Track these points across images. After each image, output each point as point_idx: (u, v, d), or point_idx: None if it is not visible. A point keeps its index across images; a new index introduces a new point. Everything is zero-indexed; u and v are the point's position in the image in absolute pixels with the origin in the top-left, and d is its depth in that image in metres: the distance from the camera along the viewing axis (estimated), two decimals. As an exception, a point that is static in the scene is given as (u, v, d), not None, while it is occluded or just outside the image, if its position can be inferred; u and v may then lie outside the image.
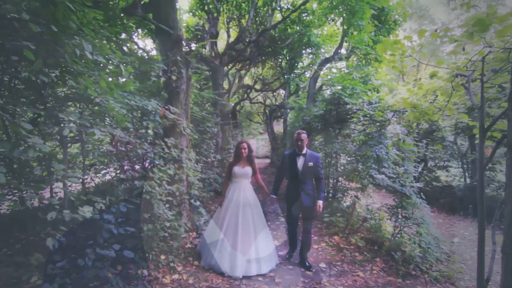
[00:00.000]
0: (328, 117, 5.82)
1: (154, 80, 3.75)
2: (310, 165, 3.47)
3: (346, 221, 4.68)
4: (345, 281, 3.19)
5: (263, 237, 3.49)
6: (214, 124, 7.39)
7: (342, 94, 5.23)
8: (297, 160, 3.51)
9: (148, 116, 3.56)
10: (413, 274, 3.36)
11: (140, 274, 3.11)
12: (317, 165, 3.52)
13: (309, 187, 3.52)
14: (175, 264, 3.40)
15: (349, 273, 3.39)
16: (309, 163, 3.46)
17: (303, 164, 3.48)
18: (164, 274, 3.19)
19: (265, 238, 3.53)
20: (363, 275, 3.32)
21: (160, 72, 3.91)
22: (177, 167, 3.89)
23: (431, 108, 2.58)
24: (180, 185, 3.96)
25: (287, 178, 3.74)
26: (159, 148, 3.45)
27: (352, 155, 5.52)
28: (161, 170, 3.42)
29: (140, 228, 3.11)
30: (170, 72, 4.12)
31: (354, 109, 4.98)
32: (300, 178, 3.49)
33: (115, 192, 2.80)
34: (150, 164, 3.48)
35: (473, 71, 2.08)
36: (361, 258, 3.76)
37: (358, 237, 4.24)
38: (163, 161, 3.62)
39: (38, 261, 1.90)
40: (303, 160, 3.49)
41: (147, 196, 3.03)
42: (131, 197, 2.77)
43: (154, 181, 3.24)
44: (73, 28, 1.88)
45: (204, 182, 6.53)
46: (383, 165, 4.55)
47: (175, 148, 3.83)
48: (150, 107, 3.45)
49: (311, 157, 3.51)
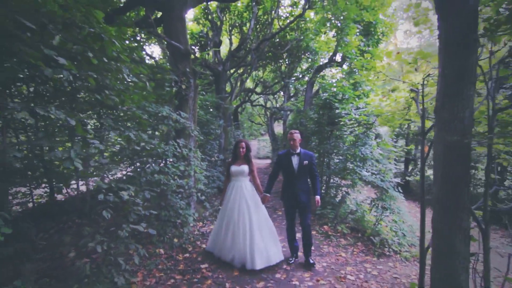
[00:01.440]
0: (321, 120, 6.41)
1: (167, 90, 4.37)
2: (305, 163, 3.53)
3: (335, 213, 5.27)
4: (328, 259, 3.80)
5: (261, 232, 3.52)
6: (217, 126, 8.00)
7: (332, 99, 5.83)
8: (292, 159, 3.57)
9: (162, 121, 4.19)
10: (387, 254, 3.96)
11: (158, 252, 3.74)
12: (311, 163, 3.59)
13: (304, 184, 3.59)
14: (186, 245, 4.02)
15: (333, 253, 3.99)
16: (304, 162, 3.53)
17: (298, 163, 3.55)
18: (177, 253, 3.80)
19: (265, 233, 3.55)
20: (345, 255, 3.93)
21: (173, 82, 4.54)
22: (186, 164, 4.51)
23: (394, 115, 3.17)
24: (189, 180, 4.58)
25: (283, 177, 3.79)
26: (173, 148, 4.07)
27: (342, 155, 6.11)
28: (173, 166, 4.05)
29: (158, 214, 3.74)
30: (180, 82, 4.76)
31: (343, 114, 5.58)
32: (295, 176, 3.55)
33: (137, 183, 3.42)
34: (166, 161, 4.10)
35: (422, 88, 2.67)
36: (345, 243, 4.36)
37: (345, 226, 4.84)
38: (175, 159, 4.24)
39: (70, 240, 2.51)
40: (297, 159, 3.56)
41: (164, 187, 3.65)
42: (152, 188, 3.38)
43: (169, 175, 3.87)
44: (114, 56, 2.50)
45: (208, 179, 7.14)
46: (368, 163, 5.16)
47: (185, 148, 4.46)
48: (164, 112, 4.08)
49: (305, 155, 3.58)
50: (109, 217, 2.29)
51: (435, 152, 2.22)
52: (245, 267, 3.37)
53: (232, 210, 3.59)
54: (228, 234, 3.54)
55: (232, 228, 3.52)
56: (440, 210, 2.18)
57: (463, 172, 2.06)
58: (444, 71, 2.11)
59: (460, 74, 2.03)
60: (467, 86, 2.02)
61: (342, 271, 3.45)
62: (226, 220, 3.60)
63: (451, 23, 2.04)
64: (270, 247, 3.51)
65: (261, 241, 3.45)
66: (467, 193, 2.06)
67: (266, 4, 9.32)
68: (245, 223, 3.48)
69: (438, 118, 2.15)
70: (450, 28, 2.05)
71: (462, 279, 2.09)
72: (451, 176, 2.09)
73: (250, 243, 3.40)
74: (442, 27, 2.10)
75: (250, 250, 3.38)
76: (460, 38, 2.00)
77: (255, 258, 3.34)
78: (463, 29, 1.99)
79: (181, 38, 4.84)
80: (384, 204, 4.52)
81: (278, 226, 5.46)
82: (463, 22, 1.98)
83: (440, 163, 2.15)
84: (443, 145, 2.12)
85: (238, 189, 3.67)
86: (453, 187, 2.09)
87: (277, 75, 14.81)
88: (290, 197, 3.61)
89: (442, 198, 2.15)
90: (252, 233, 3.43)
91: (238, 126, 14.39)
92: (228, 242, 3.52)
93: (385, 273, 3.44)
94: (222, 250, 3.57)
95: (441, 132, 2.13)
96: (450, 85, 2.07)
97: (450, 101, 2.07)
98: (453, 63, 2.06)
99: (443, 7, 2.07)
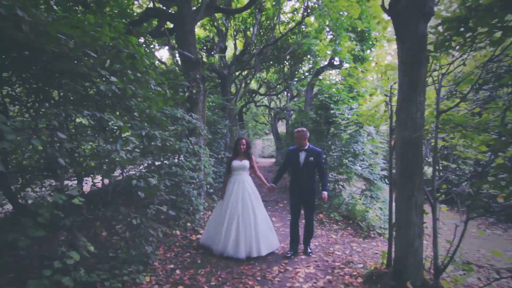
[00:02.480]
0: (319, 119, 6.99)
1: (181, 95, 5.02)
2: (311, 159, 3.67)
3: (329, 203, 5.86)
4: (321, 240, 4.40)
5: (263, 223, 3.75)
6: (223, 126, 8.65)
7: (328, 101, 6.41)
8: (299, 155, 3.73)
9: (177, 121, 4.84)
10: (372, 236, 4.55)
11: (174, 233, 4.40)
12: (318, 160, 3.71)
13: (310, 180, 3.72)
14: (198, 229, 4.67)
15: (325, 236, 4.59)
16: (310, 158, 3.67)
17: (304, 159, 3.69)
18: (191, 235, 4.45)
19: (265, 224, 3.80)
20: (335, 237, 4.52)
21: (185, 88, 5.19)
22: (197, 160, 5.15)
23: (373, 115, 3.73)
24: (199, 173, 5.23)
25: (291, 172, 3.98)
26: (186, 145, 4.71)
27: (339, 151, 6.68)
28: (187, 161, 4.70)
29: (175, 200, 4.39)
30: (191, 87, 5.41)
31: (337, 114, 6.16)
32: (301, 171, 3.70)
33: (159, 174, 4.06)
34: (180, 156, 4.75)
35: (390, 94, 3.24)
36: (337, 227, 4.96)
37: (338, 214, 5.43)
38: (188, 154, 4.89)
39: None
40: (304, 154, 3.70)
41: (180, 178, 4.31)
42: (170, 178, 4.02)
43: (183, 168, 4.52)
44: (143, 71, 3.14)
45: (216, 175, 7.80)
46: (359, 158, 5.74)
47: (196, 145, 5.10)
48: (178, 114, 4.73)
49: (312, 152, 3.71)
50: (143, 196, 2.94)
51: (396, 145, 2.82)
52: (251, 255, 3.55)
53: (236, 204, 3.73)
54: (231, 227, 3.63)
55: (237, 220, 3.64)
56: (401, 192, 2.77)
57: (417, 161, 2.64)
58: (402, 82, 2.69)
59: (413, 84, 2.61)
60: (419, 93, 2.61)
61: (331, 248, 4.05)
62: (228, 214, 3.70)
63: (406, 46, 2.63)
64: (270, 235, 3.81)
65: (264, 231, 3.71)
66: (420, 177, 2.65)
67: (269, 11, 9.92)
68: (250, 215, 3.67)
69: (398, 118, 2.74)
70: (406, 49, 2.64)
71: (417, 244, 2.68)
72: (407, 164, 2.68)
73: (256, 232, 3.62)
74: (400, 48, 2.69)
75: (256, 238, 3.60)
76: (413, 57, 2.59)
77: (260, 245, 3.60)
78: (415, 51, 2.58)
79: (191, 49, 5.49)
80: (372, 194, 5.10)
81: (278, 215, 6.09)
82: (415, 45, 2.57)
83: (399, 154, 2.74)
84: (401, 140, 2.71)
85: (240, 183, 3.83)
86: (409, 173, 2.67)
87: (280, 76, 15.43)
88: (296, 192, 3.75)
89: (401, 182, 2.74)
90: (256, 223, 3.66)
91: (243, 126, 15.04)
92: (232, 236, 3.59)
93: (368, 250, 4.02)
94: (225, 244, 3.61)
95: (399, 129, 2.72)
96: (406, 93, 2.66)
97: (406, 105, 2.66)
98: (408, 76, 2.64)
99: (400, 33, 2.67)
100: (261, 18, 10.29)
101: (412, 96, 2.62)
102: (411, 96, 2.62)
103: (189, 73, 5.45)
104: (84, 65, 2.34)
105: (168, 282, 3.01)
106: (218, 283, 3.01)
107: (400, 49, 2.69)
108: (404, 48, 2.64)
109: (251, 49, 10.68)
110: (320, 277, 3.15)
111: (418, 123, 2.62)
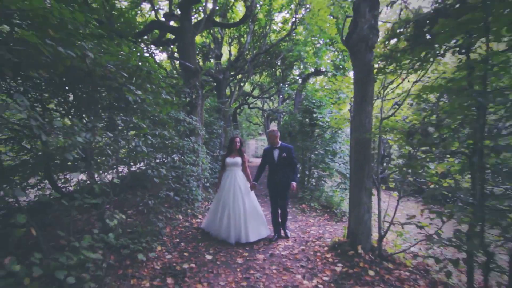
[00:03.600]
0: (304, 122, 7.87)
1: (183, 100, 5.83)
2: (283, 155, 4.16)
3: (311, 195, 6.74)
4: (300, 223, 5.27)
5: (252, 213, 4.19)
6: (218, 126, 9.45)
7: (311, 106, 7.29)
8: (273, 152, 4.25)
9: (180, 123, 5.63)
10: (344, 221, 5.43)
11: (177, 218, 5.19)
12: (290, 155, 4.17)
13: (284, 174, 4.17)
14: (197, 214, 5.48)
15: (304, 220, 5.46)
16: (283, 154, 4.17)
17: (278, 155, 4.20)
18: (191, 219, 5.25)
19: (255, 213, 4.22)
20: (313, 221, 5.40)
21: (186, 94, 6.00)
22: (196, 156, 5.96)
23: (342, 120, 4.59)
24: (198, 168, 6.03)
25: (268, 168, 4.43)
26: (187, 143, 5.51)
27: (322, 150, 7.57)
28: (188, 156, 5.50)
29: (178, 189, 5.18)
30: (191, 93, 6.21)
31: (319, 117, 7.04)
32: (276, 166, 4.21)
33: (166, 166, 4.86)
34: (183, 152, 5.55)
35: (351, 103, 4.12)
36: (315, 214, 5.83)
37: (317, 204, 6.31)
38: (189, 151, 5.69)
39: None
40: (278, 152, 4.22)
41: (182, 171, 5.11)
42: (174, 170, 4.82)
43: (185, 162, 5.32)
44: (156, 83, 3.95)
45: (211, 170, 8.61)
46: (338, 156, 6.63)
47: (195, 143, 5.90)
48: (181, 117, 5.53)
49: (284, 148, 4.20)
50: (157, 181, 3.75)
51: (351, 144, 3.70)
52: (240, 241, 4.04)
53: (228, 195, 4.19)
54: (224, 216, 4.13)
55: (228, 210, 4.13)
56: (354, 179, 3.64)
57: (366, 156, 3.52)
58: (355, 96, 3.57)
59: (363, 98, 3.49)
60: (367, 105, 3.49)
61: (308, 229, 4.91)
62: (222, 204, 4.20)
63: (357, 69, 3.51)
64: (259, 224, 4.27)
65: (252, 220, 4.16)
66: (369, 167, 3.52)
67: (261, 21, 10.76)
68: (239, 206, 4.13)
69: (352, 123, 3.62)
70: (357, 72, 3.52)
71: (366, 218, 3.56)
72: (359, 158, 3.55)
73: (244, 221, 4.09)
74: (354, 70, 3.57)
75: (244, 226, 4.07)
76: (362, 78, 3.47)
77: (248, 233, 4.07)
78: (364, 73, 3.46)
79: (192, 60, 6.29)
80: (346, 186, 5.99)
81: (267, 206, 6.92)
82: (364, 70, 3.45)
83: (354, 150, 3.62)
84: (354, 140, 3.59)
85: (232, 178, 4.30)
86: (361, 165, 3.55)
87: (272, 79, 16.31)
88: (272, 184, 4.28)
89: (355, 171, 3.62)
90: (245, 213, 4.12)
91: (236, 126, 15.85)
92: (224, 222, 4.12)
93: (338, 230, 4.90)
94: (219, 229, 4.16)
95: (353, 132, 3.60)
96: (358, 104, 3.54)
97: (358, 114, 3.54)
98: (359, 91, 3.52)
99: (353, 60, 3.55)
100: (254, 27, 11.13)
101: (362, 107, 3.50)
102: (362, 107, 3.50)
103: (189, 81, 6.25)
104: (117, 82, 3.14)
105: (175, 250, 3.82)
106: (215, 251, 3.83)
107: (354, 72, 3.58)
108: (356, 71, 3.52)
109: (245, 55, 11.51)
110: (296, 247, 4.01)
111: (367, 127, 3.50)
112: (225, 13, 10.01)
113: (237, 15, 11.04)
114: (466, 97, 1.91)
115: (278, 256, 3.74)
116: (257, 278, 3.13)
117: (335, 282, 3.02)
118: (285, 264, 3.47)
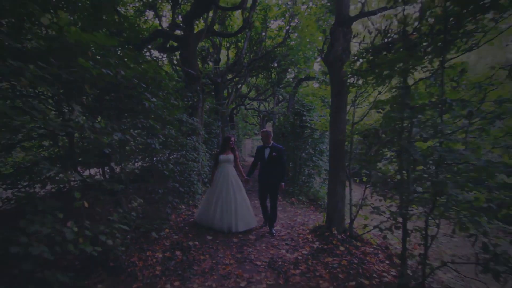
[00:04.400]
0: (296, 123, 8.61)
1: (186, 103, 6.52)
2: (274, 154, 4.43)
3: (299, 190, 7.48)
4: (288, 213, 6.00)
5: (242, 206, 4.61)
6: (216, 127, 10.15)
7: (301, 109, 8.03)
8: (265, 151, 4.55)
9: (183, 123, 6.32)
10: (327, 211, 6.19)
11: (180, 208, 5.89)
12: (280, 155, 4.42)
13: (274, 171, 4.42)
14: (198, 205, 6.18)
15: (293, 211, 6.20)
16: (273, 153, 4.44)
17: (268, 154, 4.49)
18: (192, 209, 5.96)
19: (244, 206, 4.65)
20: (300, 211, 6.14)
21: (188, 98, 6.70)
22: (197, 153, 6.65)
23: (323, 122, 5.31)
24: (198, 164, 6.73)
25: (259, 165, 4.71)
26: (190, 142, 6.21)
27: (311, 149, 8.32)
28: (190, 153, 6.19)
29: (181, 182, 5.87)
30: (193, 97, 6.91)
31: (308, 119, 7.79)
32: (266, 164, 4.49)
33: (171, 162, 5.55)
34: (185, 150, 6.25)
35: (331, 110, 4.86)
36: (303, 206, 6.58)
37: (305, 197, 7.05)
38: (191, 149, 6.39)
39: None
40: (269, 150, 4.51)
41: (185, 166, 5.81)
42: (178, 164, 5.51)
43: (187, 159, 6.02)
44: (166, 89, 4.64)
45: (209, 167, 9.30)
46: (325, 155, 7.38)
47: (196, 142, 6.60)
48: (184, 118, 6.22)
49: (275, 148, 4.49)
50: (167, 174, 4.44)
51: (330, 144, 4.44)
52: (231, 230, 4.51)
53: (221, 190, 4.59)
54: (217, 209, 4.55)
55: (221, 204, 4.54)
56: (331, 173, 4.38)
57: (341, 154, 4.26)
58: (332, 105, 4.31)
59: (339, 106, 4.23)
60: (342, 112, 4.23)
61: (295, 218, 5.65)
62: (215, 198, 4.60)
63: (334, 83, 4.25)
64: (248, 216, 4.70)
65: (242, 212, 4.59)
66: (343, 163, 4.26)
67: (257, 28, 11.48)
68: (231, 200, 4.55)
69: (330, 127, 4.36)
70: (333, 85, 4.25)
71: (340, 205, 4.30)
72: (335, 155, 4.30)
73: (235, 214, 4.53)
74: (331, 83, 4.31)
75: (235, 218, 4.53)
76: (337, 90, 4.21)
77: (238, 223, 4.52)
78: (339, 86, 4.19)
79: (193, 67, 6.98)
80: (330, 181, 6.74)
81: (260, 199, 7.65)
82: (339, 83, 4.19)
83: (331, 149, 4.36)
84: (332, 141, 4.33)
85: (225, 174, 4.67)
86: (337, 161, 4.29)
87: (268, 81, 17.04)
88: (263, 181, 4.56)
89: (332, 167, 4.36)
90: (236, 206, 4.55)
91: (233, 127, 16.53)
92: (217, 214, 4.53)
93: (320, 218, 5.64)
94: (212, 221, 4.58)
95: (331, 134, 4.34)
96: (334, 112, 4.28)
97: (335, 120, 4.28)
98: (335, 101, 4.26)
99: (330, 75, 4.28)
100: (251, 33, 11.85)
101: (338, 114, 4.24)
102: (337, 114, 4.24)
103: (191, 86, 6.94)
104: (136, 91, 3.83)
105: (181, 232, 4.52)
106: (214, 234, 4.54)
107: (331, 84, 4.32)
108: (333, 84, 4.27)
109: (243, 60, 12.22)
110: (283, 231, 4.75)
111: (342, 131, 4.24)
112: (224, 21, 10.71)
113: (235, 22, 11.74)
114: (392, 111, 2.68)
115: (267, 237, 4.47)
116: (249, 252, 3.86)
117: (312, 255, 3.75)
118: (273, 243, 4.20)
